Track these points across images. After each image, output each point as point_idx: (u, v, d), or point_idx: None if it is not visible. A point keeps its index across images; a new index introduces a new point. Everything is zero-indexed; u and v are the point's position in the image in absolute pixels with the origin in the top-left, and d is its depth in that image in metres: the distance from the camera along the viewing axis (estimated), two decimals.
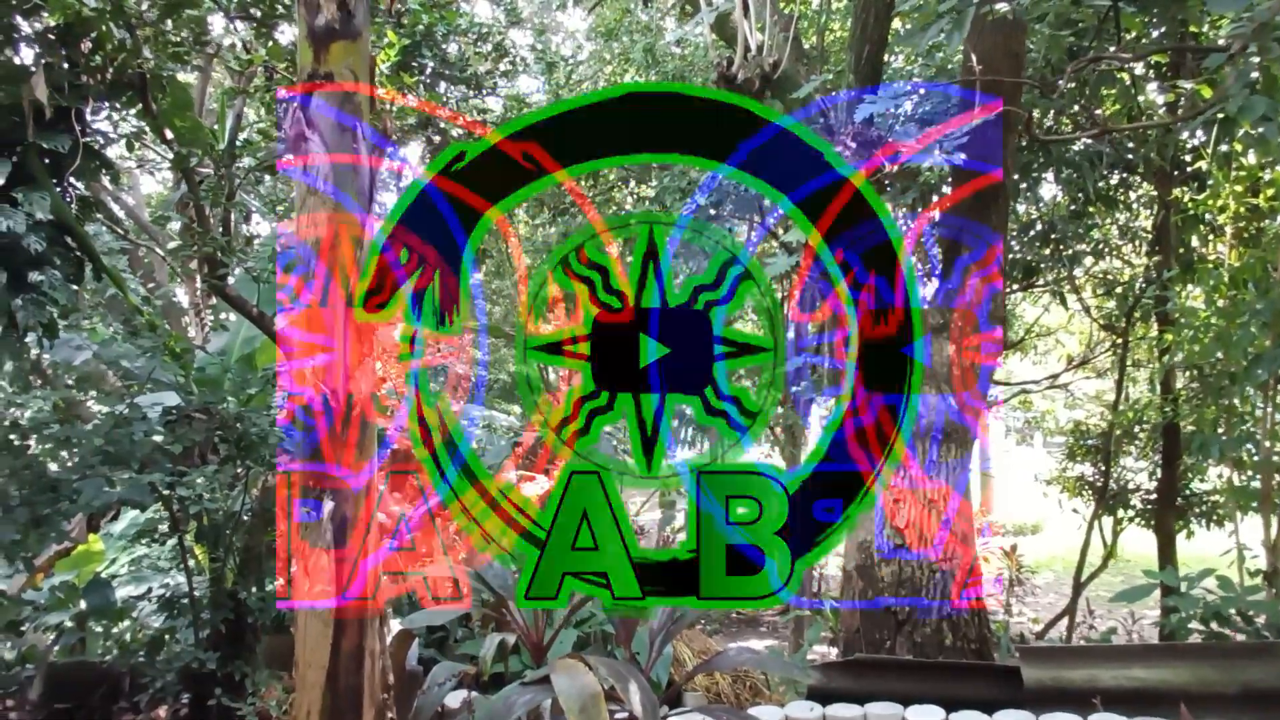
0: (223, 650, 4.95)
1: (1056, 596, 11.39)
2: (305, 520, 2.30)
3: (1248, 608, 4.95)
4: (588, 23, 10.79)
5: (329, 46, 2.27)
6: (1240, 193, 6.61)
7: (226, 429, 4.91)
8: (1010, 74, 5.19)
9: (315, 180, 2.24)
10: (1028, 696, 4.36)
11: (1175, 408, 7.48)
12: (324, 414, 2.29)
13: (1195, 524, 8.15)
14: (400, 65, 5.69)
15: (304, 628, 2.30)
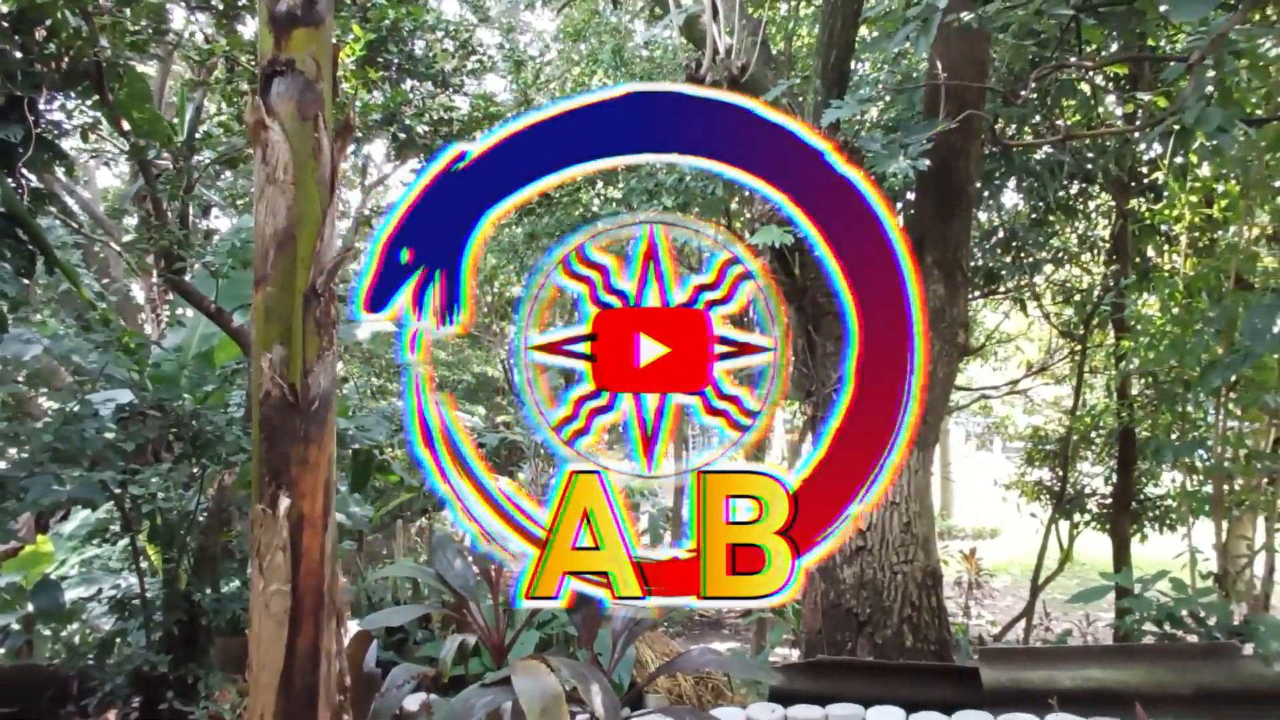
0: (175, 653, 4.84)
1: (1014, 599, 11.56)
2: (260, 517, 2.25)
3: (1200, 609, 5.05)
4: (556, 23, 10.76)
5: (290, 33, 2.22)
6: (1195, 203, 6.75)
7: (181, 426, 4.81)
8: (974, 82, 5.26)
9: (274, 170, 2.20)
10: (986, 697, 4.40)
11: (1131, 413, 7.63)
12: (281, 408, 2.24)
13: (1149, 528, 8.30)
14: (366, 60, 5.63)
15: (258, 628, 2.25)
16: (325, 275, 2.30)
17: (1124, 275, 7.28)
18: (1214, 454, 6.04)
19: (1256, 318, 4.06)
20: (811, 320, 5.64)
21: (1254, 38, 4.67)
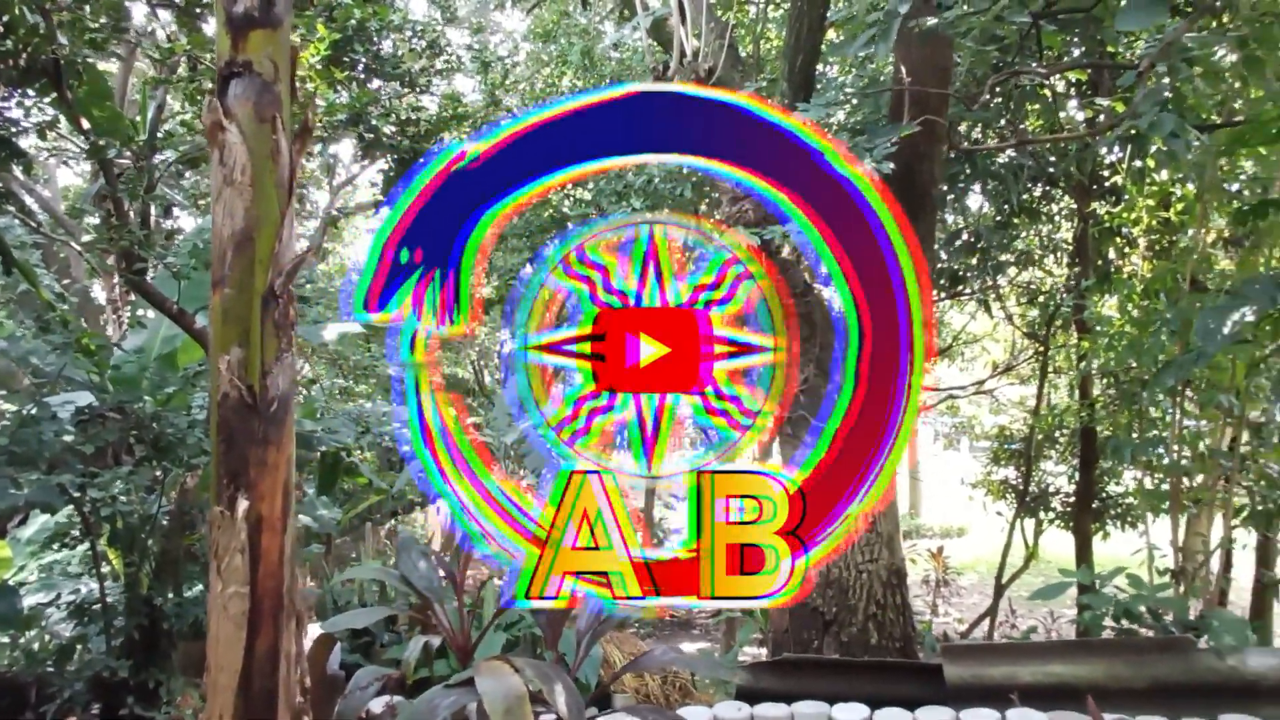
0: (136, 658, 4.78)
1: (981, 597, 11.70)
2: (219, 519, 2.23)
3: (1157, 605, 5.15)
4: (526, 23, 10.74)
5: (248, 35, 2.21)
6: (1152, 207, 6.89)
7: (142, 429, 4.74)
8: (937, 87, 5.33)
9: (232, 172, 2.18)
10: (950, 694, 4.46)
11: (1091, 413, 7.75)
12: (239, 410, 2.22)
13: (1111, 525, 8.45)
14: (331, 60, 5.58)
15: (215, 630, 2.23)
16: (284, 277, 2.29)
17: (1085, 277, 7.41)
18: (1170, 452, 6.17)
19: (1209, 319, 4.16)
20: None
21: (1206, 45, 4.78)
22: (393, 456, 9.87)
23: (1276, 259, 6.08)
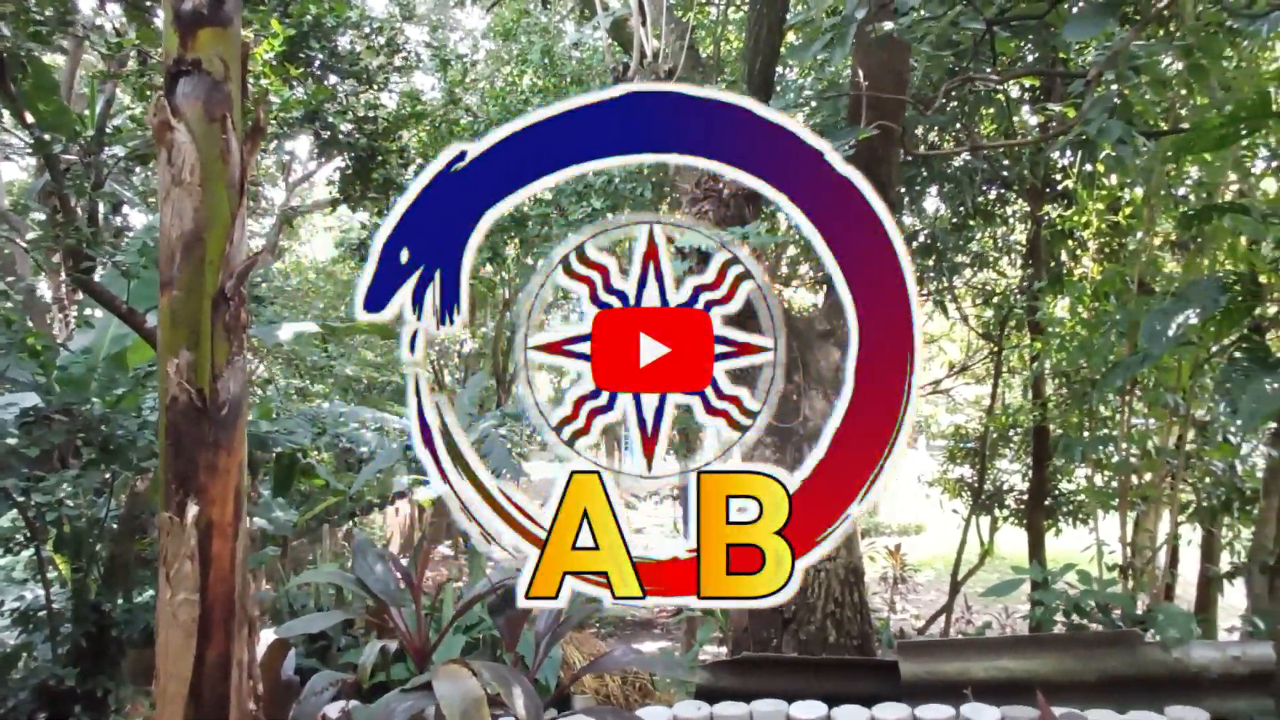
0: (83, 666, 4.66)
1: (938, 593, 11.87)
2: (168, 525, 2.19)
3: (1105, 600, 5.27)
4: (486, 21, 10.67)
5: (196, 33, 2.16)
6: (1102, 211, 7.05)
7: (90, 431, 4.62)
8: (894, 91, 5.40)
9: (180, 171, 2.14)
10: (905, 689, 4.52)
11: (1044, 412, 7.91)
12: (189, 414, 2.18)
13: (1063, 522, 8.62)
14: (286, 56, 5.49)
15: (164, 638, 2.19)
16: (235, 279, 2.25)
17: (1038, 279, 7.55)
18: (1119, 450, 6.32)
19: (1154, 321, 4.25)
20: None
21: (1153, 54, 4.91)
22: (350, 458, 9.77)
23: (1221, 262, 6.26)
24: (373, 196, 6.86)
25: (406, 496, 11.22)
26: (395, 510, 12.93)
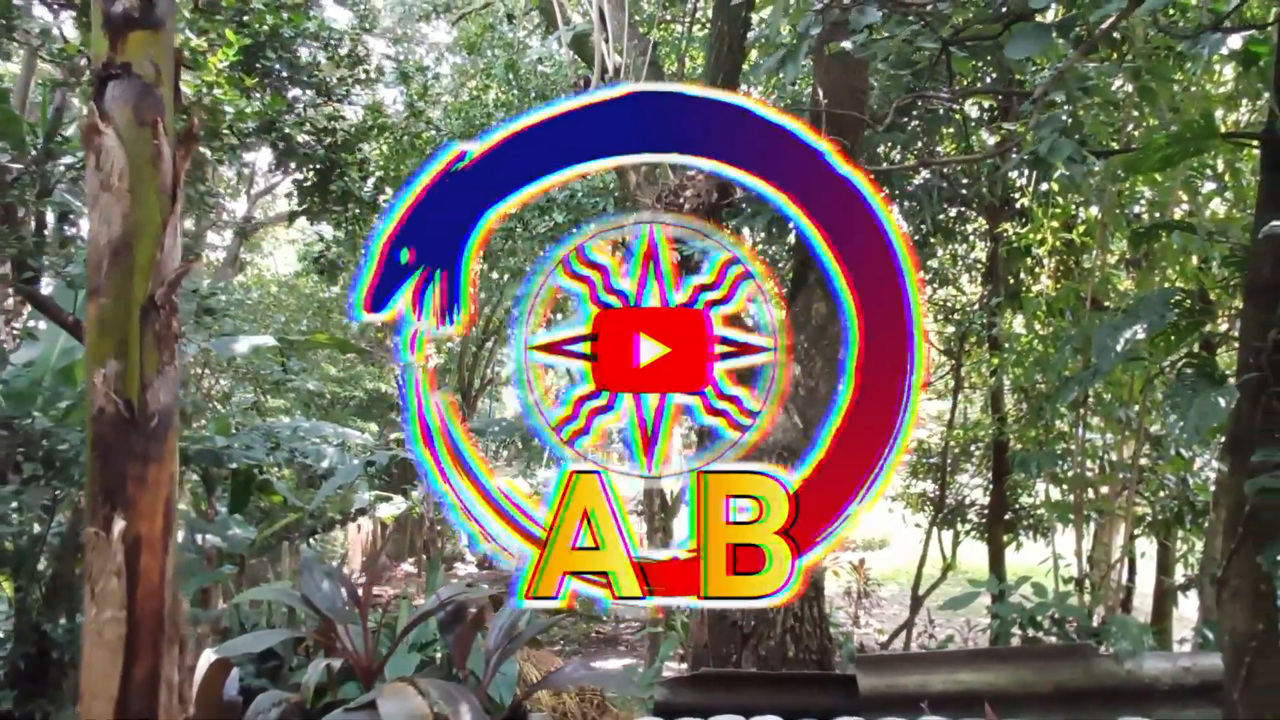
0: (20, 689, 4.51)
1: (901, 607, 11.91)
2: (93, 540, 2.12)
3: (1060, 612, 5.31)
4: (452, 35, 10.66)
5: (126, 36, 2.12)
6: (1057, 229, 7.16)
7: (32, 446, 4.50)
8: (853, 109, 5.45)
9: (109, 177, 2.09)
10: (863, 704, 4.50)
11: (1002, 427, 7.99)
12: (117, 426, 2.12)
13: (1024, 536, 8.70)
14: (242, 66, 5.43)
15: (89, 657, 2.12)
16: (166, 287, 2.20)
17: (996, 295, 7.65)
18: (1076, 465, 6.39)
19: (1105, 336, 4.31)
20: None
21: (1104, 75, 5.01)
22: (311, 473, 9.61)
23: (1172, 280, 6.37)
24: (332, 209, 6.79)
25: (368, 513, 11.08)
26: (357, 527, 12.76)
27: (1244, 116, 6.17)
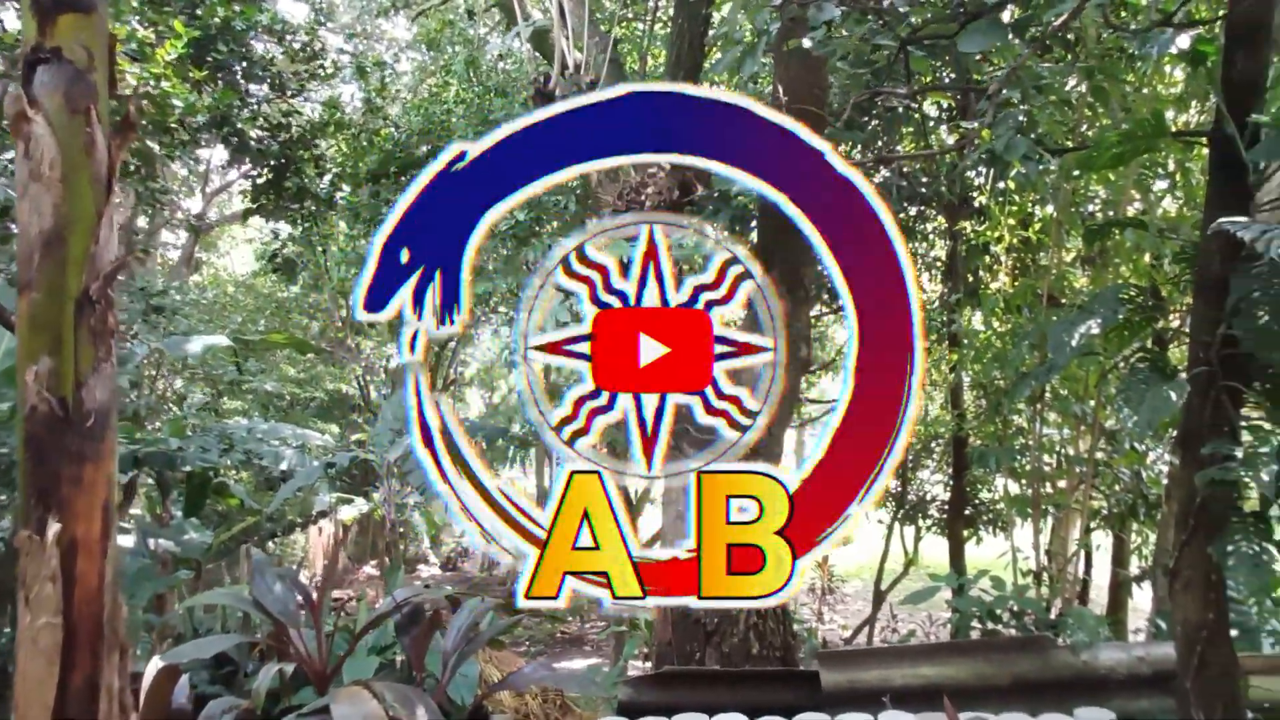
0: None
1: (864, 603, 12.01)
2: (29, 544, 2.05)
3: (1018, 605, 5.38)
4: (412, 31, 10.54)
5: (56, 19, 2.04)
6: (1014, 226, 7.25)
7: None
8: (812, 105, 5.47)
9: (39, 166, 2.02)
10: (826, 699, 4.52)
11: (961, 423, 8.08)
12: (50, 425, 2.04)
13: (984, 530, 8.80)
14: (192, 59, 5.30)
15: (24, 665, 2.04)
16: (102, 281, 2.12)
17: (955, 292, 7.73)
18: (1033, 459, 6.48)
19: (1060, 331, 4.36)
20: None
21: (1057, 74, 5.08)
22: (270, 476, 9.45)
23: (1125, 277, 6.48)
24: (288, 206, 6.67)
25: (329, 516, 10.92)
26: (318, 530, 12.57)
27: (1194, 117, 6.29)
